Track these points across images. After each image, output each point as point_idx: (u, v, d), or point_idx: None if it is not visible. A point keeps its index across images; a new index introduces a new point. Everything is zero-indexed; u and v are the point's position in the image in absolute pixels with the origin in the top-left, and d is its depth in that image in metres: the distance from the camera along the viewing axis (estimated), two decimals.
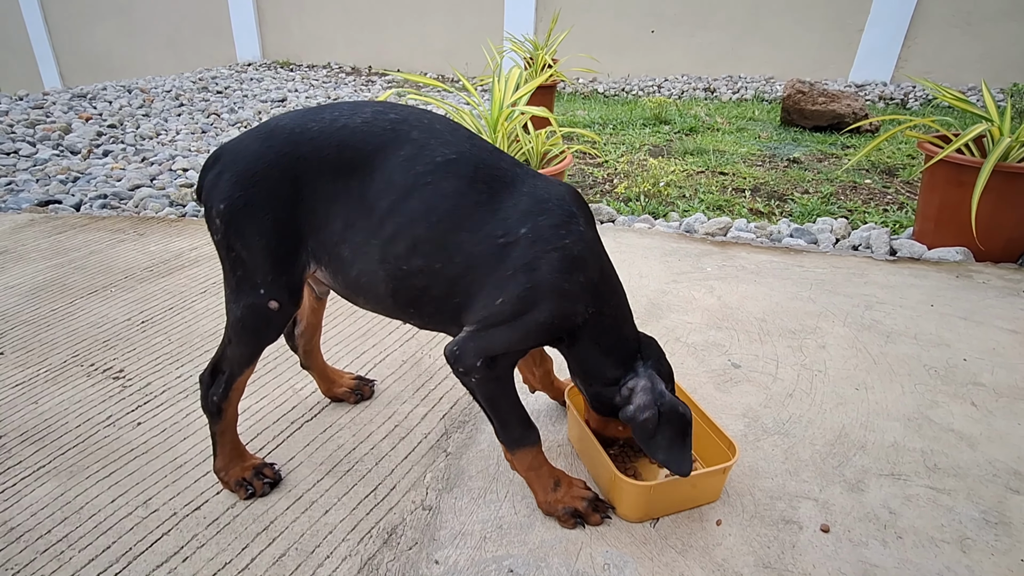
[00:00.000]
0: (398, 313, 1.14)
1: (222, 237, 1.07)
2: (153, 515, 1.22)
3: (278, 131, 1.06)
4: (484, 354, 1.06)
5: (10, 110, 4.84)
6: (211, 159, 1.10)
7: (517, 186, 1.07)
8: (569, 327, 1.09)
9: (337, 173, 1.05)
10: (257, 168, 1.04)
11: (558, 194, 1.08)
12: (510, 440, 1.16)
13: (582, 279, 1.05)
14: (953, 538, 1.17)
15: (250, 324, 1.11)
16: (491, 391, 1.11)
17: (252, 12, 8.26)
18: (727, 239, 2.62)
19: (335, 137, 1.05)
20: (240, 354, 1.16)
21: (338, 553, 1.13)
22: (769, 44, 6.53)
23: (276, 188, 1.04)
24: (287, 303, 1.11)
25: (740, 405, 1.54)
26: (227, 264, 1.10)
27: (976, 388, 1.61)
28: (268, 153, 1.05)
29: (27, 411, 1.52)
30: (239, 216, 1.05)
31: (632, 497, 1.17)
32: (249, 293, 1.09)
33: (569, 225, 1.05)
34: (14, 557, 1.13)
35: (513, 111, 2.40)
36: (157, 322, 1.93)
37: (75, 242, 2.53)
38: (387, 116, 1.07)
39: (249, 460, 1.28)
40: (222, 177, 1.06)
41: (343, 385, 1.54)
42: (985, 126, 2.36)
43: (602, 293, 1.10)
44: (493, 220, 1.03)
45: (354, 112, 1.08)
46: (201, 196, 1.10)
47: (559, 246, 1.03)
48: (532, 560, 1.11)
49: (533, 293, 1.02)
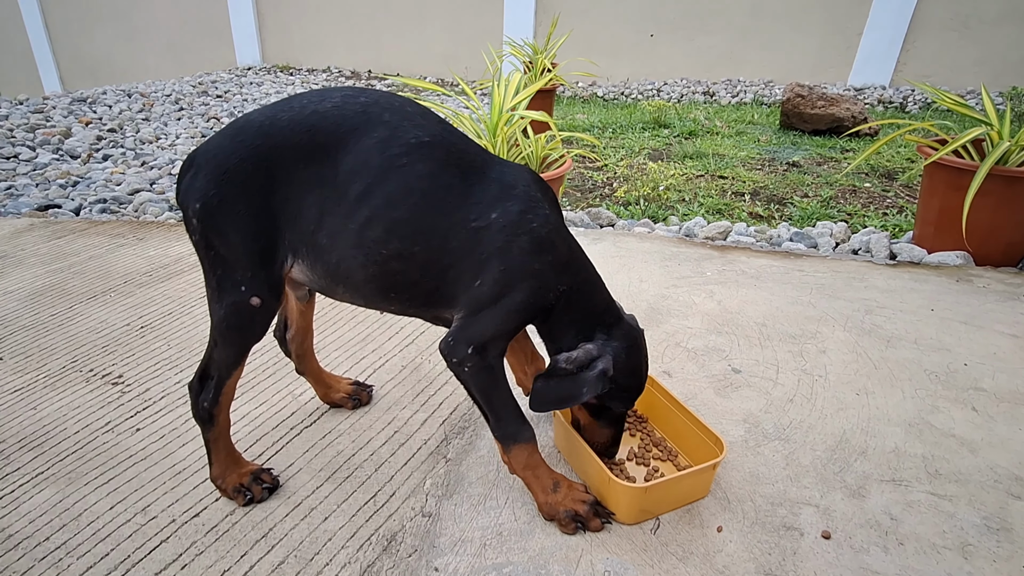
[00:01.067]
0: (377, 299, 1.15)
1: (200, 236, 1.08)
2: (152, 522, 1.21)
3: (248, 126, 1.07)
4: (474, 341, 1.09)
5: (10, 114, 4.84)
6: (186, 163, 1.10)
7: (486, 172, 1.10)
8: (545, 304, 1.13)
9: (310, 159, 1.05)
10: (230, 164, 1.04)
11: (524, 180, 1.12)
12: (505, 435, 1.17)
13: (551, 259, 1.10)
14: (955, 544, 1.16)
15: (234, 323, 1.11)
16: (484, 381, 1.13)
17: (252, 16, 8.28)
18: (727, 243, 2.61)
19: (306, 123, 1.05)
20: (227, 356, 1.16)
21: (337, 560, 1.12)
22: (768, 48, 6.54)
23: (250, 181, 1.05)
24: (268, 298, 1.11)
25: (740, 410, 1.53)
26: (207, 264, 1.10)
27: (977, 393, 1.61)
28: (240, 148, 1.05)
29: (26, 417, 1.52)
30: (215, 213, 1.05)
31: (628, 499, 1.18)
32: (231, 291, 1.09)
33: (535, 209, 1.10)
34: (12, 564, 1.12)
35: (513, 115, 2.41)
36: (156, 327, 1.93)
37: (74, 247, 2.52)
38: (357, 99, 1.08)
39: (246, 466, 1.27)
40: (197, 177, 1.06)
41: (340, 390, 1.53)
42: (984, 130, 2.36)
43: (571, 270, 1.15)
44: (465, 204, 1.06)
45: (323, 98, 1.08)
46: (179, 200, 1.11)
47: (527, 230, 1.07)
48: (532, 567, 1.11)
49: (508, 275, 1.07)
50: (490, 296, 1.07)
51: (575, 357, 1.13)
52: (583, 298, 1.17)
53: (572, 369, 1.12)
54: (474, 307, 1.09)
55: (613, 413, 1.25)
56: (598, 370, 1.12)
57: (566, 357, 1.14)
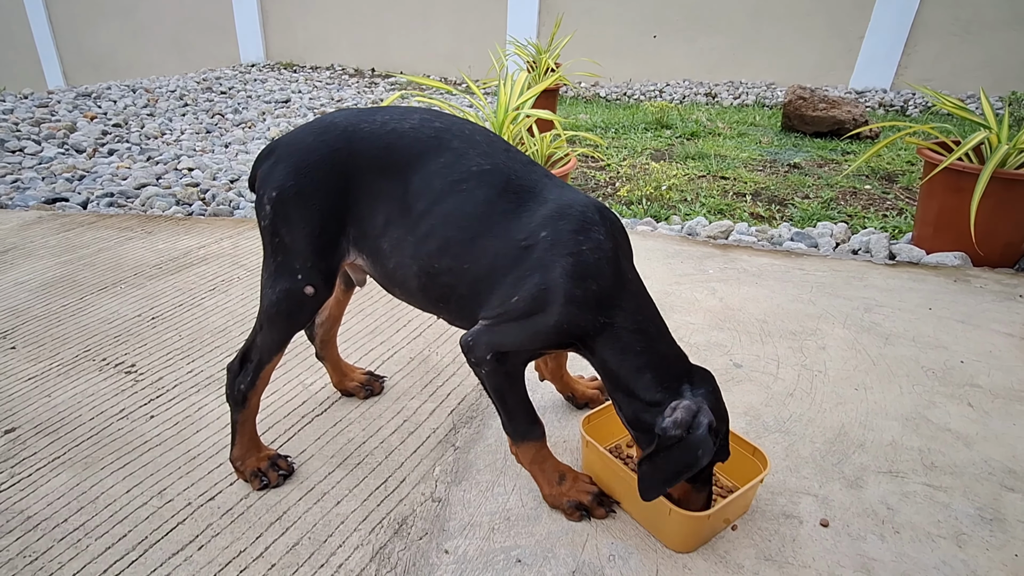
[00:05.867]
0: (428, 306, 1.20)
1: (269, 223, 1.13)
2: (168, 505, 1.24)
3: (332, 127, 1.13)
4: (495, 348, 1.10)
5: (15, 108, 4.87)
6: (266, 150, 1.17)
7: (543, 194, 1.11)
8: (579, 334, 1.08)
9: (382, 172, 1.11)
10: (310, 160, 1.11)
11: (582, 203, 1.09)
12: (515, 433, 1.20)
13: (594, 287, 1.05)
14: (949, 533, 1.20)
15: (284, 308, 1.16)
16: (500, 384, 1.15)
17: (256, 13, 8.30)
18: (729, 242, 2.65)
19: (384, 139, 1.12)
20: (271, 340, 1.21)
21: (350, 542, 1.16)
22: (770, 50, 6.58)
23: (326, 179, 1.11)
24: (322, 288, 1.17)
25: (742, 404, 1.57)
26: (269, 249, 1.16)
27: (973, 389, 1.64)
28: (321, 147, 1.12)
29: (40, 404, 1.55)
30: (288, 203, 1.11)
31: (689, 528, 1.11)
32: (287, 278, 1.15)
33: (588, 232, 1.05)
34: (32, 545, 1.15)
35: (518, 114, 2.44)
36: (167, 318, 1.96)
37: (84, 239, 2.55)
38: (432, 124, 1.14)
39: (264, 451, 1.31)
40: (277, 166, 1.13)
41: (354, 379, 1.57)
42: (984, 134, 2.39)
43: (617, 304, 1.07)
44: (517, 225, 1.07)
45: (403, 118, 1.15)
46: (254, 184, 1.17)
47: (575, 251, 1.04)
48: (539, 551, 1.14)
49: (544, 294, 1.04)
50: (523, 311, 1.05)
51: (680, 419, 1.00)
52: (645, 340, 1.08)
53: (681, 434, 0.99)
54: (504, 316, 1.07)
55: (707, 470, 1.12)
56: (704, 426, 1.00)
57: (672, 422, 1.00)
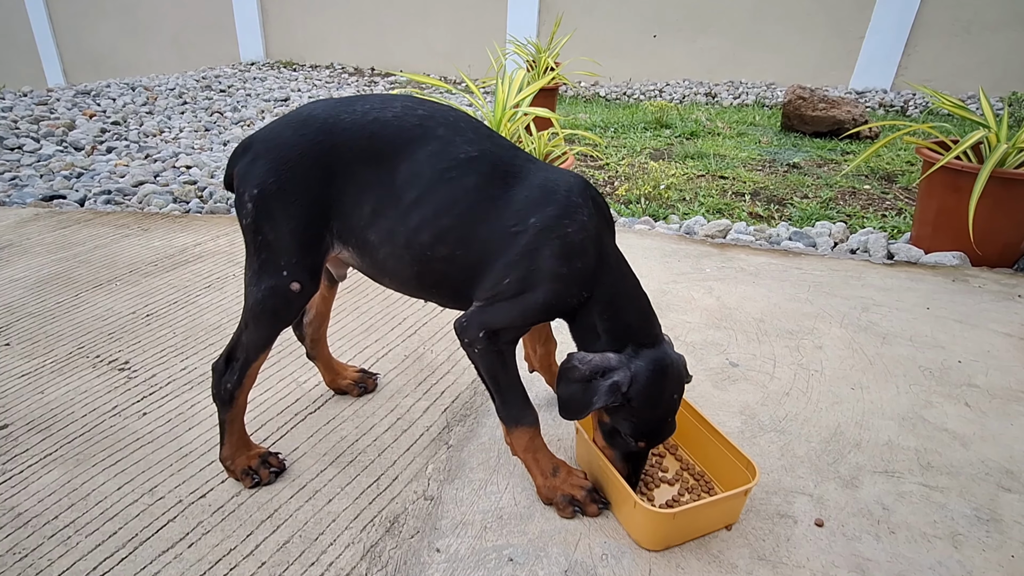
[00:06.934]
0: (421, 292, 1.22)
1: (251, 221, 1.12)
2: (159, 502, 1.24)
3: (311, 120, 1.12)
4: (487, 327, 1.12)
5: (14, 106, 4.86)
6: (241, 147, 1.15)
7: (530, 179, 1.13)
8: (565, 308, 1.14)
9: (367, 163, 1.11)
10: (291, 155, 1.10)
11: (567, 185, 1.13)
12: (509, 417, 1.20)
13: (579, 265, 1.10)
14: (945, 534, 1.19)
15: (270, 306, 1.15)
16: (492, 364, 1.16)
17: (256, 12, 8.30)
18: (726, 241, 2.64)
19: (367, 129, 1.11)
20: (257, 338, 1.19)
21: (341, 540, 1.15)
22: (770, 50, 6.57)
23: (308, 174, 1.10)
24: (308, 284, 1.16)
25: (737, 403, 1.56)
26: (252, 247, 1.14)
27: (970, 389, 1.63)
28: (301, 141, 1.10)
29: (33, 401, 1.54)
30: (271, 201, 1.10)
31: (653, 525, 1.11)
32: (272, 275, 1.13)
33: (573, 215, 1.10)
34: (22, 542, 1.14)
35: (516, 112, 2.43)
36: (162, 315, 1.95)
37: (80, 236, 2.55)
38: (416, 112, 1.13)
39: (255, 449, 1.30)
40: (256, 164, 1.11)
41: (347, 377, 1.56)
42: (982, 132, 2.39)
43: (601, 279, 1.13)
44: (507, 212, 1.10)
45: (384, 106, 1.13)
46: (231, 183, 1.16)
47: (561, 234, 1.09)
48: (532, 549, 1.13)
49: (533, 275, 1.09)
50: (512, 291, 1.10)
51: (590, 360, 1.11)
52: (613, 309, 1.14)
53: (585, 372, 1.10)
54: (495, 297, 1.11)
55: (626, 443, 1.17)
56: (611, 381, 1.09)
57: (581, 357, 1.12)
